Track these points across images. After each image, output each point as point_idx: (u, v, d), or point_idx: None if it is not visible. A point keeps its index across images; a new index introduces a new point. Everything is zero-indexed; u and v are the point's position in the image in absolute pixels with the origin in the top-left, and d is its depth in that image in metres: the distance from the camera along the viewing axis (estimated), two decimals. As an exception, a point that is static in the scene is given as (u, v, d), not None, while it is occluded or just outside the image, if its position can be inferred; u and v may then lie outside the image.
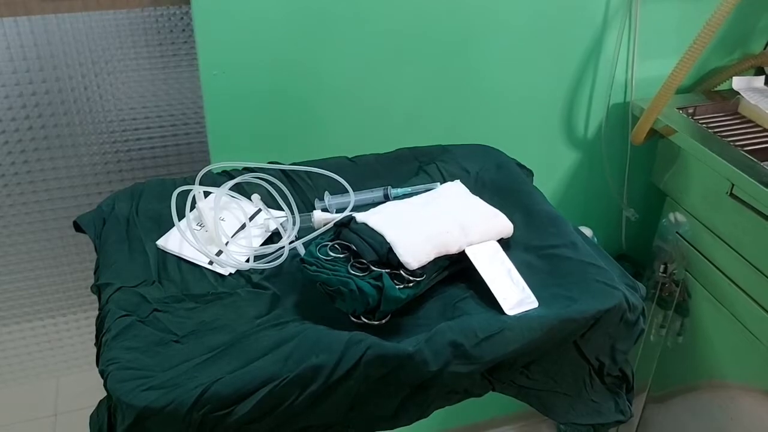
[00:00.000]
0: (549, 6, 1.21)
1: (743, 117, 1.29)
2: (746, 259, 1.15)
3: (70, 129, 1.24)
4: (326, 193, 0.93)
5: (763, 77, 1.34)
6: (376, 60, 1.16)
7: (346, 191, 0.93)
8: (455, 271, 0.84)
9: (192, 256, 0.82)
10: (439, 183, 0.95)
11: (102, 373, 0.70)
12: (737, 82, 1.32)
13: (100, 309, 0.78)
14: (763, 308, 1.13)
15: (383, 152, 1.06)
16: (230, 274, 0.81)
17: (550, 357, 0.77)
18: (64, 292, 1.47)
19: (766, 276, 1.11)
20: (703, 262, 1.26)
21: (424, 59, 1.19)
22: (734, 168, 1.10)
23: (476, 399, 0.81)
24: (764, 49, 1.36)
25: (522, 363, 0.77)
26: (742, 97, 1.29)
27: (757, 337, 1.16)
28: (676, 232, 1.31)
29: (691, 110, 1.30)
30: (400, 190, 0.94)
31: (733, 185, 1.13)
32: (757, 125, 1.25)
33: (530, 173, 1.05)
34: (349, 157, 1.04)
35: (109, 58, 1.18)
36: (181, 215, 0.86)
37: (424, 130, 1.24)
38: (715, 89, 1.37)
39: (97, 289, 0.81)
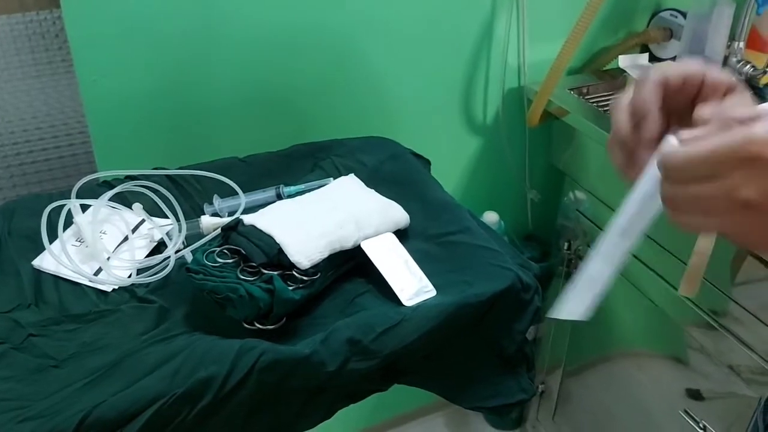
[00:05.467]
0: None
1: (631, 94, 1.33)
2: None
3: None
4: (215, 196, 0.89)
5: (647, 54, 1.39)
6: (265, 55, 1.13)
7: (237, 194, 0.90)
8: (353, 266, 0.82)
9: (70, 274, 0.77)
10: (332, 178, 0.93)
11: (-28, 409, 0.65)
12: (623, 60, 1.36)
13: (-31, 339, 0.72)
14: (662, 278, 1.17)
15: (278, 150, 1.04)
16: (113, 289, 0.77)
17: (450, 343, 0.77)
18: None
19: (663, 248, 1.15)
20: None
21: (316, 52, 1.17)
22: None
23: (402, 388, 0.80)
24: (647, 26, 1.41)
25: (423, 353, 0.76)
26: (629, 74, 1.33)
27: (659, 306, 1.20)
28: (577, 210, 1.35)
29: (584, 90, 1.34)
30: (293, 188, 0.92)
31: (624, 160, 1.17)
32: (644, 101, 1.30)
33: (427, 163, 1.05)
34: (241, 157, 1.01)
35: (-23, 69, 1.10)
36: (56, 232, 0.80)
37: (320, 125, 1.22)
38: (604, 68, 1.41)
39: (-32, 318, 0.75)
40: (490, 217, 1.39)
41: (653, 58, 1.40)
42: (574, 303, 0.48)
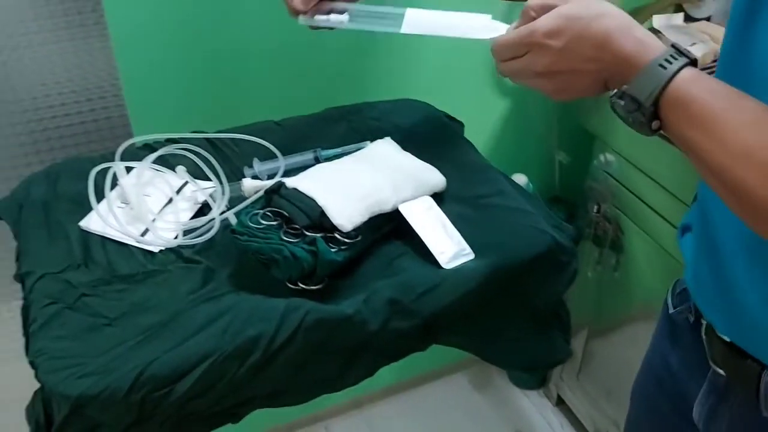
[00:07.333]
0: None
1: (664, 54, 1.31)
2: (671, 192, 1.19)
3: (-22, 112, 1.16)
4: (255, 159, 0.90)
5: (681, 14, 1.36)
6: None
7: (275, 157, 0.91)
8: (392, 228, 0.84)
9: (118, 235, 0.79)
10: (368, 141, 0.94)
11: (32, 364, 0.68)
12: (657, 21, 1.33)
13: (24, 299, 0.75)
14: (690, 239, 1.18)
15: (310, 113, 1.04)
16: (160, 250, 0.79)
17: (488, 305, 0.79)
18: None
19: (688, 206, 1.15)
20: (632, 199, 1.30)
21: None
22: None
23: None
24: (681, -15, 1.39)
25: (460, 313, 0.78)
26: (663, 35, 1.31)
27: (684, 265, 1.20)
28: (606, 172, 1.34)
29: (614, 51, 1.31)
30: (330, 152, 0.93)
31: (656, 122, 1.16)
32: (677, 62, 1.28)
33: (460, 125, 1.05)
34: (276, 120, 1.02)
35: (11, 33, 1.11)
36: (102, 195, 0.82)
37: (352, 87, 1.22)
38: (637, 28, 1.39)
39: (20, 278, 0.78)
40: (519, 180, 1.39)
41: (688, 18, 1.37)
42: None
